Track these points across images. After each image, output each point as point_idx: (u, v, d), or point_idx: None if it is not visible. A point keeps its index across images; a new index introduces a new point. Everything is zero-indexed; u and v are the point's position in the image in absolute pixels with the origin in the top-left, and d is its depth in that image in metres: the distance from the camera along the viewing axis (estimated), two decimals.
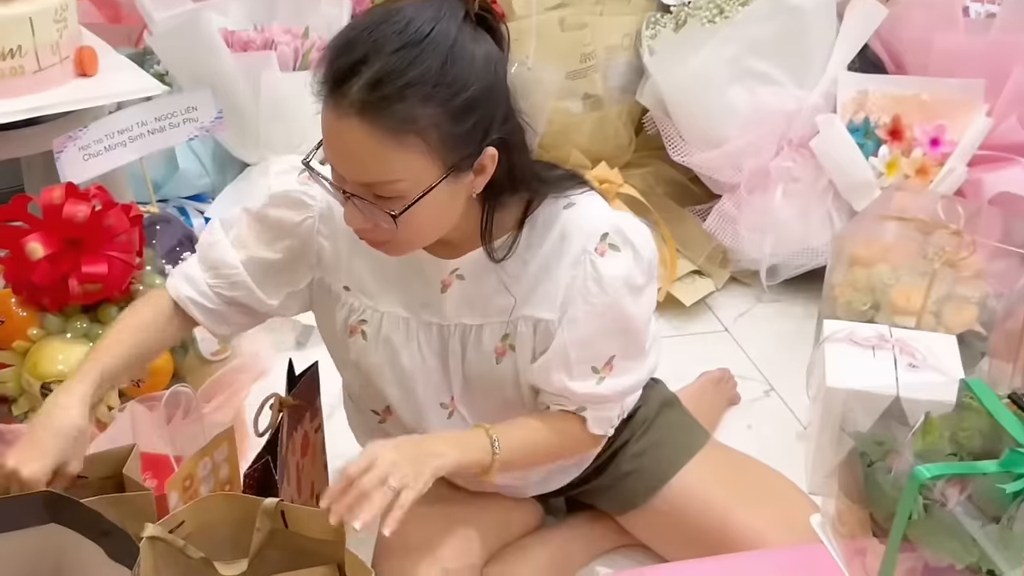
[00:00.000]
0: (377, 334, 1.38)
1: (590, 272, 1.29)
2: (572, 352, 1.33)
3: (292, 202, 1.38)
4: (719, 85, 2.34)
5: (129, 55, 2.28)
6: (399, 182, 1.15)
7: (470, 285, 1.35)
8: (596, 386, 1.35)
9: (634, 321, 1.34)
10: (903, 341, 1.84)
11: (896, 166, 2.27)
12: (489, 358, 1.37)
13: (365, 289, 1.38)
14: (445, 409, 1.44)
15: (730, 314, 2.42)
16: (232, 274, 1.40)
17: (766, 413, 2.10)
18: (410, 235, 1.23)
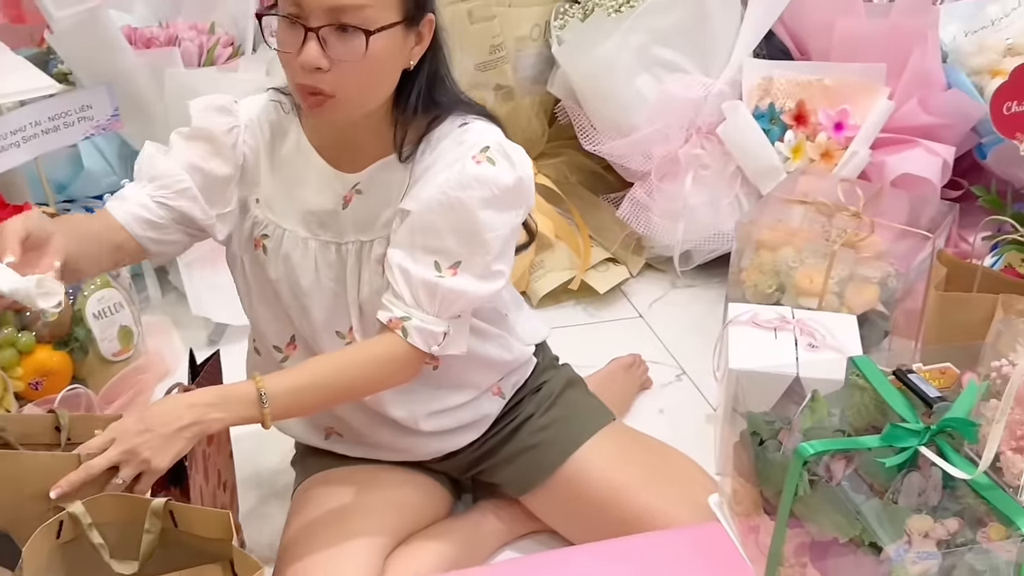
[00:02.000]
0: (277, 249, 1.43)
1: (457, 169, 1.34)
2: (417, 236, 1.36)
3: (218, 108, 1.44)
4: (627, 74, 2.35)
5: (31, 55, 2.25)
6: (367, 8, 1.24)
7: (366, 200, 1.41)
8: (435, 277, 1.35)
9: (484, 231, 1.35)
10: (803, 322, 1.87)
11: (801, 150, 2.30)
12: (377, 272, 1.41)
13: (272, 205, 1.43)
14: (342, 339, 1.46)
15: (644, 300, 2.45)
16: (177, 181, 1.41)
17: (678, 397, 2.12)
18: (355, 82, 1.27)
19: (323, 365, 1.38)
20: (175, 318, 2.23)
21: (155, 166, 1.42)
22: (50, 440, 1.35)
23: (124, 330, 1.78)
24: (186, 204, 1.41)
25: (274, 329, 1.50)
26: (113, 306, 1.76)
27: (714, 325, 2.22)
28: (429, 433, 1.55)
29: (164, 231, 1.42)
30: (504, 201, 1.36)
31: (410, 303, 1.36)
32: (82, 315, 1.72)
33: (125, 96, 2.11)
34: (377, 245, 1.41)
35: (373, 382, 1.40)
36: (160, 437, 1.23)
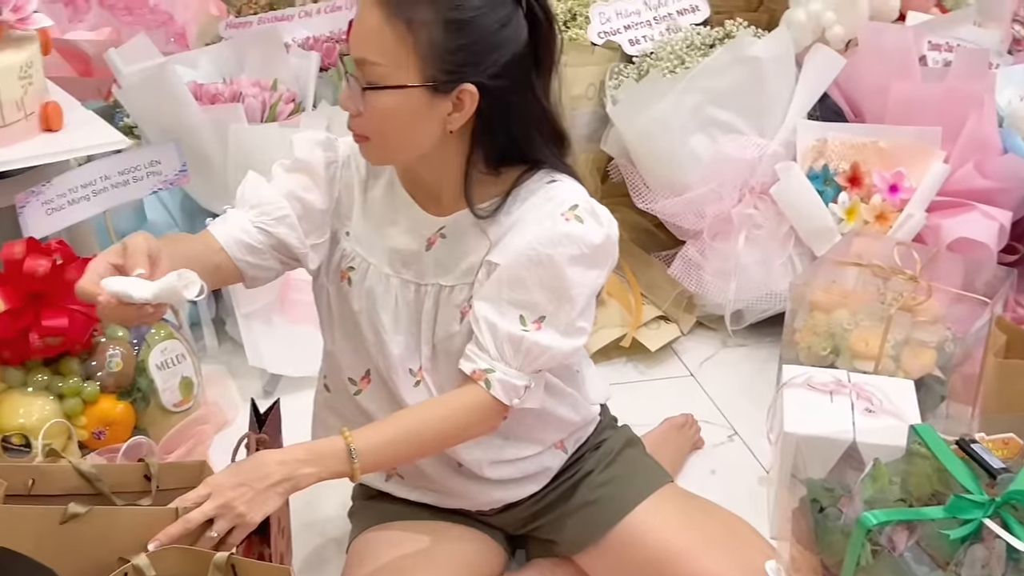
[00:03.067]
0: (361, 282, 1.48)
1: (547, 227, 1.38)
2: (504, 290, 1.39)
3: (320, 143, 1.50)
4: (681, 134, 2.37)
5: (98, 108, 2.31)
6: (380, 66, 1.31)
7: (450, 245, 1.44)
8: (520, 331, 1.38)
9: (571, 287, 1.39)
10: (860, 386, 1.86)
11: (855, 212, 2.30)
12: (455, 318, 1.45)
13: (361, 239, 1.49)
14: (413, 376, 1.49)
15: (695, 359, 2.44)
16: (276, 208, 1.47)
17: (730, 458, 2.11)
18: (382, 132, 1.35)
19: (408, 419, 1.42)
20: (231, 368, 2.26)
21: (257, 193, 1.48)
22: (140, 488, 1.38)
23: (185, 381, 1.81)
24: (284, 231, 1.47)
25: (351, 361, 1.53)
26: (175, 357, 1.79)
27: (766, 385, 2.21)
28: (492, 481, 1.56)
29: (261, 256, 1.47)
30: (591, 259, 1.39)
31: (494, 356, 1.39)
32: (145, 366, 1.75)
33: (188, 150, 2.15)
34: (456, 291, 1.45)
35: (456, 434, 1.43)
36: (254, 492, 1.27)
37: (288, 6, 2.72)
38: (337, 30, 2.61)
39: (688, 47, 2.45)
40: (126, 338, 1.75)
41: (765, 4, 2.66)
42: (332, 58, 2.50)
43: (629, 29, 2.57)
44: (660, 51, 2.46)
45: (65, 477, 1.36)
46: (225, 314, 2.39)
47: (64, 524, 1.23)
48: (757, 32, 2.46)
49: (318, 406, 1.64)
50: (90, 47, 2.48)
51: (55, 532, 1.23)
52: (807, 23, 2.45)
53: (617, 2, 2.60)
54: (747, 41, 2.38)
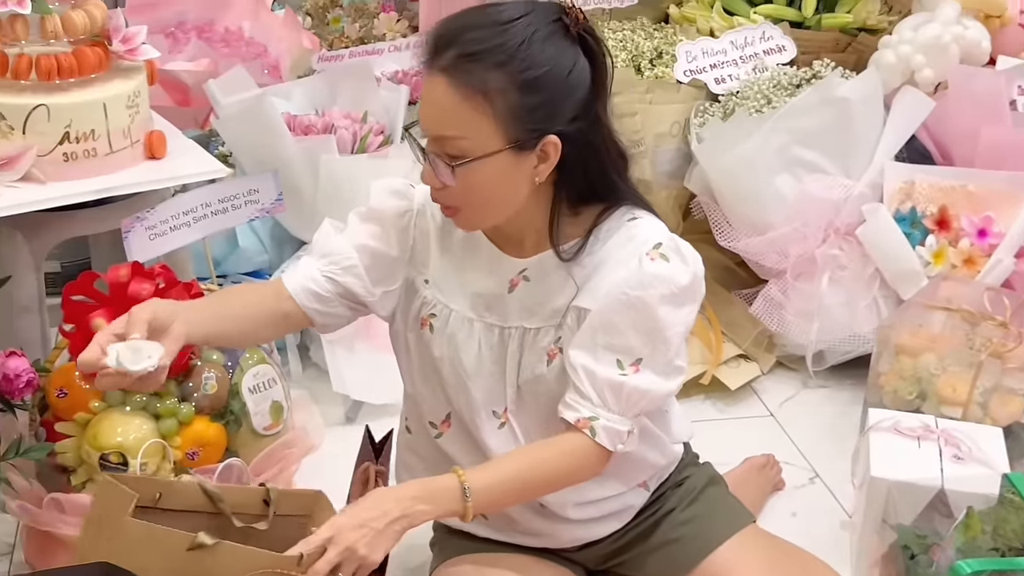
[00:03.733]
0: (444, 328, 1.48)
1: (634, 268, 1.38)
2: (599, 336, 1.39)
3: (395, 192, 1.52)
4: (766, 173, 2.37)
5: (195, 136, 2.38)
6: (463, 139, 1.32)
7: (533, 287, 1.45)
8: (619, 376, 1.39)
9: (665, 328, 1.39)
10: (948, 432, 1.84)
11: (943, 256, 2.28)
12: (541, 360, 1.45)
13: (441, 285, 1.50)
14: (497, 419, 1.50)
15: (776, 399, 2.43)
16: (344, 258, 1.49)
17: (811, 501, 2.09)
18: (475, 201, 1.37)
19: (519, 461, 1.42)
20: (314, 393, 2.29)
21: (328, 243, 1.52)
22: (259, 512, 1.43)
23: (275, 405, 1.84)
24: (351, 280, 1.49)
25: (431, 405, 1.55)
26: (267, 381, 1.83)
27: (848, 427, 2.19)
28: (574, 520, 1.56)
29: (329, 304, 1.50)
30: (681, 298, 1.40)
31: (596, 403, 1.39)
32: (238, 389, 1.79)
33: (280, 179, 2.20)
34: (542, 334, 1.45)
35: (563, 480, 1.44)
36: (374, 532, 1.29)
37: (378, 40, 2.79)
38: None
39: (775, 87, 2.45)
40: (221, 361, 1.79)
41: (853, 45, 2.65)
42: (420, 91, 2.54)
43: (715, 68, 2.58)
44: (746, 90, 2.47)
45: (190, 494, 1.41)
46: (309, 340, 2.43)
47: (190, 551, 1.26)
48: (845, 73, 2.46)
49: (400, 447, 1.66)
50: (189, 77, 2.55)
51: (181, 557, 1.27)
52: (896, 65, 2.44)
53: (703, 41, 2.62)
54: (835, 82, 2.38)
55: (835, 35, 2.66)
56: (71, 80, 1.89)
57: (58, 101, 1.86)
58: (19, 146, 1.84)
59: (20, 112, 1.84)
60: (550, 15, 1.34)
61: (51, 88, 1.87)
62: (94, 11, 1.94)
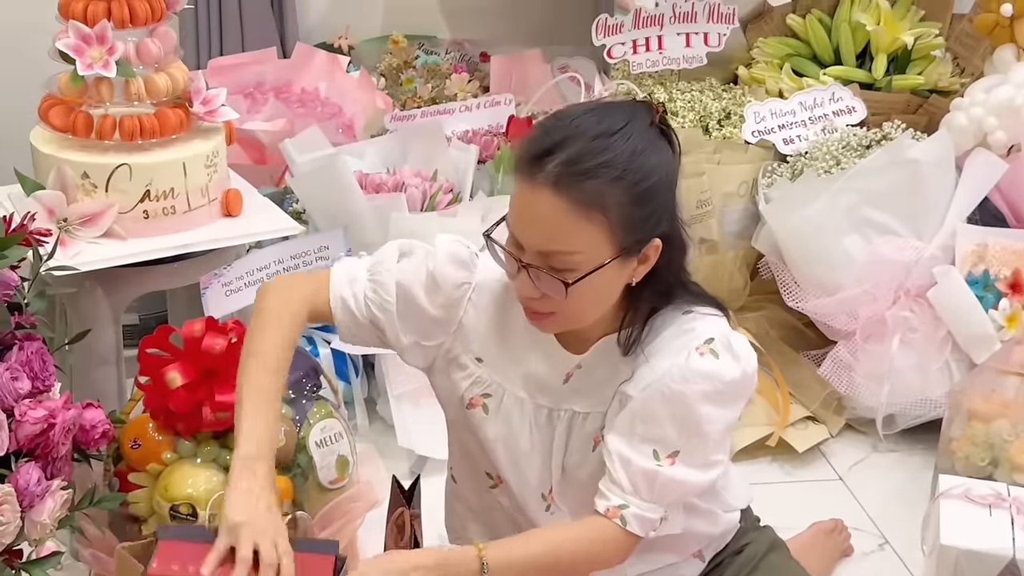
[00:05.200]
0: (498, 409, 1.46)
1: (681, 362, 1.35)
2: (637, 424, 1.37)
3: (460, 261, 1.47)
4: (835, 233, 2.36)
5: (270, 193, 2.44)
6: (576, 254, 1.28)
7: (586, 375, 1.43)
8: (654, 466, 1.36)
9: (703, 424, 1.36)
10: (1021, 500, 1.80)
11: (1017, 320, 2.24)
12: (587, 445, 1.44)
13: (495, 365, 1.46)
14: (544, 500, 1.49)
15: (844, 462, 2.39)
16: (387, 300, 1.46)
17: (881, 568, 2.06)
18: (575, 309, 1.34)
19: (541, 541, 1.39)
20: (380, 448, 2.32)
21: (385, 268, 1.47)
22: None
23: (341, 459, 1.86)
24: (383, 318, 1.46)
25: (484, 458, 1.52)
26: (334, 436, 1.85)
27: (919, 493, 2.15)
28: None
29: (359, 326, 1.48)
30: (726, 396, 1.37)
31: (628, 490, 1.37)
32: (305, 443, 1.81)
33: (352, 236, 2.25)
34: (591, 419, 1.44)
35: (587, 565, 1.41)
36: None
37: (450, 100, 2.84)
38: (496, 124, 2.70)
39: (844, 147, 2.45)
40: (289, 415, 1.82)
41: (924, 107, 2.64)
42: (490, 151, 2.59)
43: (783, 128, 2.59)
44: (815, 151, 2.47)
45: None
46: (376, 394, 2.46)
47: None
48: (916, 135, 2.45)
49: (448, 495, 1.66)
50: (265, 136, 2.63)
51: None
52: (968, 127, 2.42)
53: (772, 102, 2.62)
54: (906, 143, 2.37)
55: (906, 97, 2.65)
56: (153, 140, 1.96)
57: (140, 161, 1.93)
58: (102, 204, 1.91)
59: (103, 171, 1.91)
60: (646, 118, 1.31)
61: (133, 148, 1.94)
62: (176, 74, 2.02)
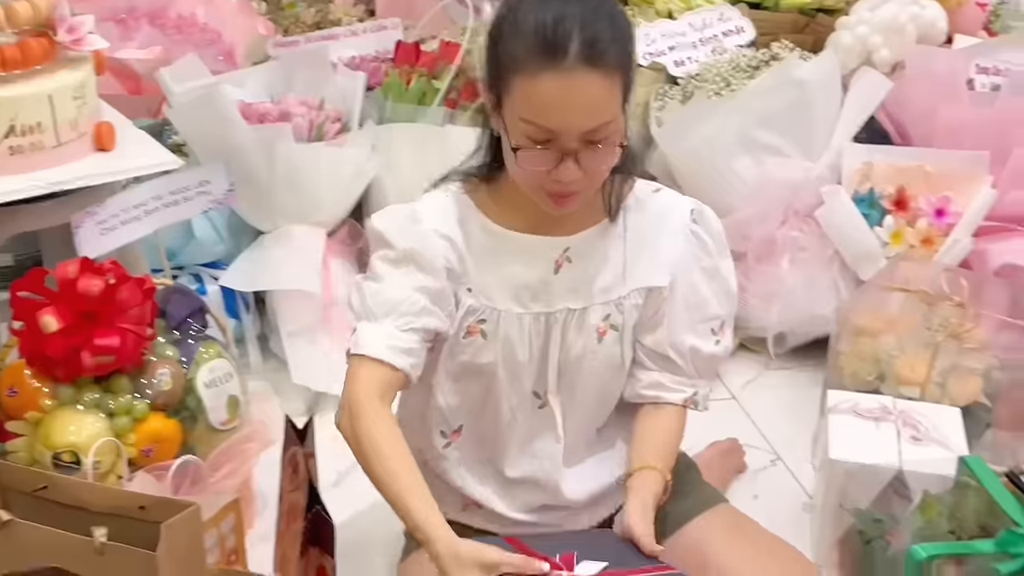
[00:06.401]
0: (496, 332, 1.46)
1: (694, 241, 1.48)
2: (694, 312, 1.49)
3: (407, 220, 1.45)
4: (726, 156, 2.37)
5: (147, 126, 2.33)
6: (613, 121, 1.33)
7: (578, 268, 1.46)
8: (715, 347, 1.51)
9: (733, 283, 1.51)
10: (907, 413, 1.84)
11: (901, 236, 2.29)
12: (590, 339, 1.47)
13: (485, 290, 1.46)
14: (538, 399, 1.50)
15: (737, 381, 2.43)
16: (412, 304, 1.40)
17: (773, 483, 2.10)
18: (600, 178, 1.38)
19: (671, 436, 1.53)
20: (274, 385, 2.27)
21: (385, 300, 1.41)
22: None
23: (232, 400, 1.82)
24: (429, 320, 1.41)
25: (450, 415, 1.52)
26: (223, 376, 1.80)
27: (809, 409, 2.19)
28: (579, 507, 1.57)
29: (418, 355, 1.41)
30: (727, 253, 1.51)
31: (694, 376, 1.51)
32: (194, 385, 1.76)
33: (236, 169, 2.17)
34: (590, 313, 1.47)
35: None
36: None
37: (335, 25, 2.75)
38: (383, 50, 2.63)
39: (734, 69, 2.45)
40: (176, 357, 1.76)
41: (811, 26, 2.65)
42: (378, 77, 2.52)
43: (674, 50, 2.58)
44: (706, 73, 2.46)
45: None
46: (269, 331, 2.41)
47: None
48: (803, 54, 2.46)
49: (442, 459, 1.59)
50: (140, 66, 2.51)
51: None
52: (853, 46, 2.44)
53: (662, 24, 2.60)
54: (794, 64, 2.38)
55: (793, 16, 2.65)
56: (16, 72, 1.84)
57: (2, 94, 1.82)
58: None
59: None
60: None
61: None
62: (38, 1, 1.90)
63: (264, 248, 2.33)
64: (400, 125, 2.39)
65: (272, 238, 2.34)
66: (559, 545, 1.34)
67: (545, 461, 1.54)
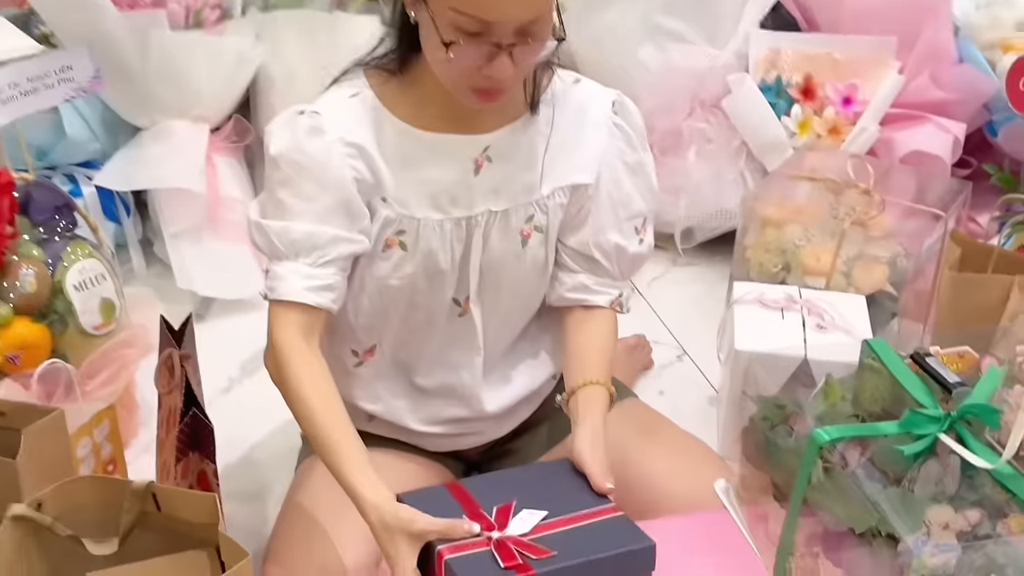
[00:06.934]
0: (416, 242, 1.36)
1: (618, 134, 1.41)
2: (620, 210, 1.42)
3: (307, 133, 1.31)
4: (630, 44, 2.29)
5: (12, 16, 2.17)
6: (548, 12, 1.26)
7: (498, 168, 1.36)
8: (639, 246, 1.46)
9: (654, 177, 1.46)
10: (812, 302, 1.82)
11: (808, 125, 2.25)
12: (514, 242, 1.39)
13: (402, 198, 1.35)
14: (458, 307, 1.41)
15: (644, 278, 2.38)
16: (324, 234, 1.30)
17: (679, 378, 2.07)
18: (526, 71, 1.31)
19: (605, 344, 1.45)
20: (159, 291, 2.15)
21: (293, 238, 1.30)
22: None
23: (106, 302, 1.71)
24: (344, 248, 1.32)
25: (363, 334, 1.43)
26: (95, 278, 1.68)
27: (716, 305, 2.16)
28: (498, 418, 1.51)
29: (338, 287, 1.33)
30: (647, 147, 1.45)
31: (619, 278, 1.45)
32: (62, 287, 1.64)
33: (108, 59, 2.03)
34: (512, 214, 1.37)
35: None
36: None
37: None
38: None
39: None
40: (41, 257, 1.64)
41: None
42: None
43: None
44: None
45: None
46: (152, 235, 2.29)
47: None
48: None
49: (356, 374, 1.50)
50: None
51: None
52: None
53: None
54: None
55: None
56: None
57: None
58: None
59: None
60: None
61: None
62: None
63: (142, 145, 2.21)
64: (285, 12, 2.26)
65: (151, 135, 2.22)
66: (503, 485, 1.27)
67: (464, 372, 1.46)
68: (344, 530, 1.35)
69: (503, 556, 1.15)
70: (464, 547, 1.16)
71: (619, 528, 1.21)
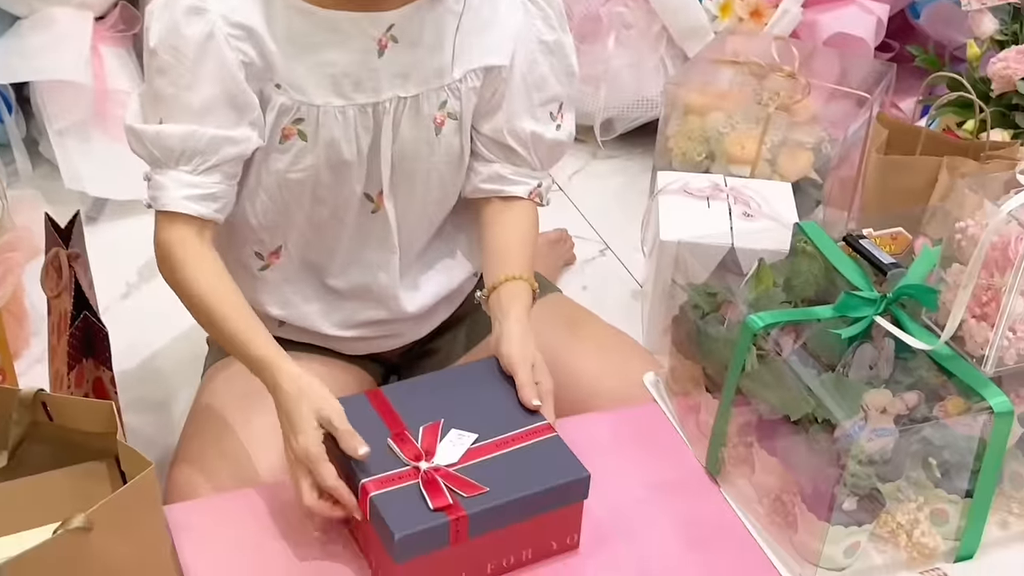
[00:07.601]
0: (316, 131, 1.25)
1: (535, 11, 1.33)
2: (534, 94, 1.35)
3: (186, 13, 1.18)
4: None
5: None
6: None
7: (404, 50, 1.25)
8: (557, 132, 1.39)
9: (574, 60, 1.38)
10: (738, 190, 1.78)
11: (730, 9, 2.20)
12: (427, 130, 1.30)
13: (297, 83, 1.23)
14: (370, 203, 1.32)
15: (564, 172, 2.31)
16: (203, 135, 1.19)
17: (602, 272, 2.03)
18: None
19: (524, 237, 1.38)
20: (47, 193, 2.04)
21: (170, 144, 1.20)
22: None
23: None
24: (229, 150, 1.21)
25: (266, 235, 1.33)
26: None
27: (638, 198, 2.11)
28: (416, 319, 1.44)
29: (224, 195, 1.23)
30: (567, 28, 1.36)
31: (538, 168, 1.38)
32: None
33: None
34: (423, 100, 1.27)
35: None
36: None
37: None
38: None
39: None
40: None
41: None
42: None
43: None
44: None
45: None
46: (38, 133, 2.15)
47: None
48: None
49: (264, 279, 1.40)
50: None
51: None
52: None
53: None
54: None
55: None
56: None
57: None
58: None
59: None
60: None
61: None
62: None
63: (21, 35, 2.05)
64: None
65: (30, 24, 2.06)
66: (427, 395, 1.19)
67: (379, 273, 1.38)
68: (256, 432, 1.27)
69: (432, 494, 1.07)
70: (390, 481, 1.08)
71: (553, 455, 1.14)
